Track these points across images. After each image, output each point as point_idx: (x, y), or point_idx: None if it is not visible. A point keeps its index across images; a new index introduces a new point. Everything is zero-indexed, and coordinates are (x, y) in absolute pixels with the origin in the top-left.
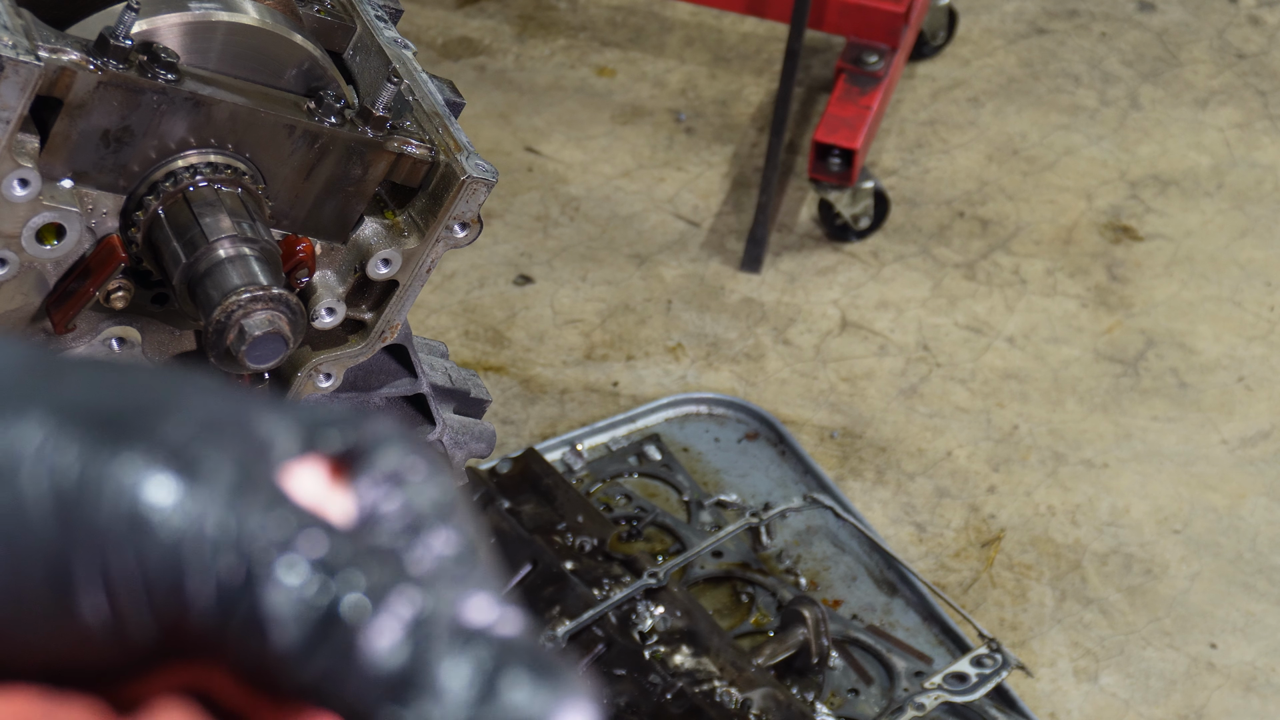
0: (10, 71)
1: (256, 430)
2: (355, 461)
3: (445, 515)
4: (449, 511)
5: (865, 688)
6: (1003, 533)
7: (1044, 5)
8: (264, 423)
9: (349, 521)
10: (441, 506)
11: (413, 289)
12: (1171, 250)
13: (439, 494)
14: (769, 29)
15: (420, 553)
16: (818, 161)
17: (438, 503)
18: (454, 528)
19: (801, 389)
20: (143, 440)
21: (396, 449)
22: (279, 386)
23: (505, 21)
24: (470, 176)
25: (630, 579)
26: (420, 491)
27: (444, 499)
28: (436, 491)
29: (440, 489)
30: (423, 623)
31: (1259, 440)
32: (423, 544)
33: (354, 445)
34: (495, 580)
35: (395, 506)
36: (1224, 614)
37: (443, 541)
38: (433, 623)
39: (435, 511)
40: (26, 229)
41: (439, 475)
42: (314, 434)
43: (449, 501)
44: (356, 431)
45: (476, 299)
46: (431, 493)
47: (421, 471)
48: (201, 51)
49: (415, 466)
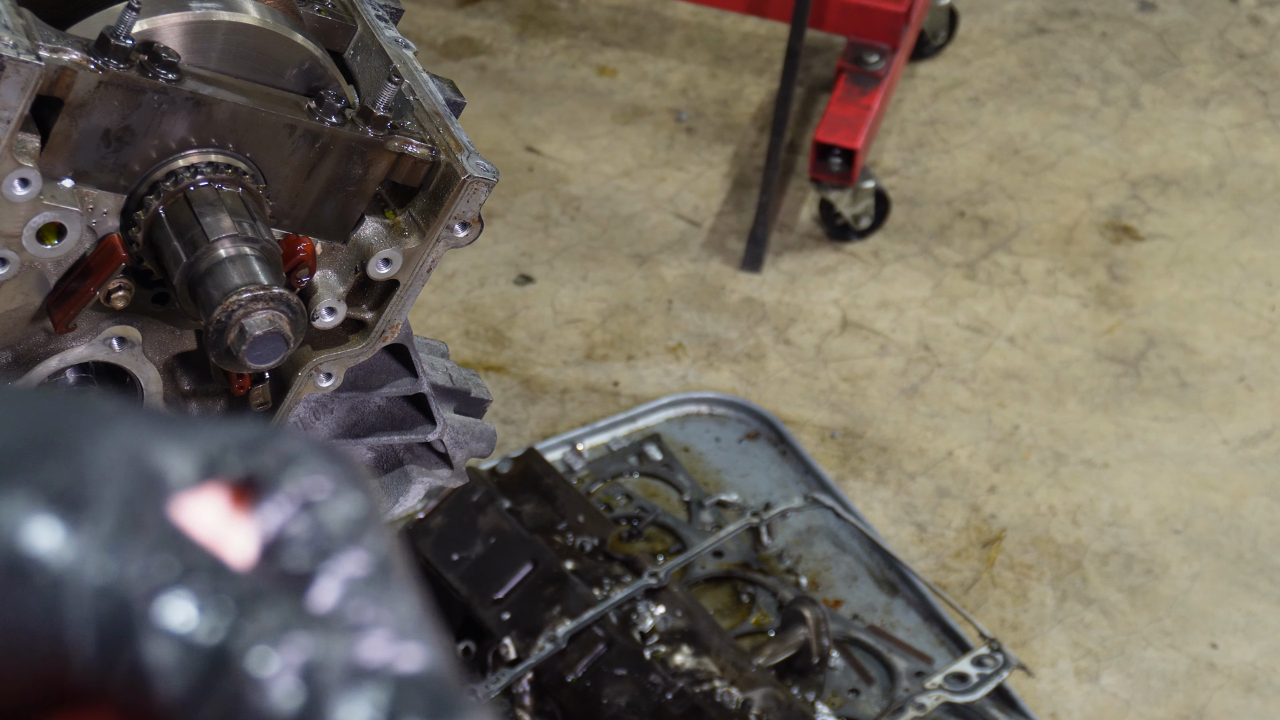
0: (11, 71)
1: (150, 461)
2: (259, 485)
3: (356, 534)
4: (360, 530)
5: (866, 688)
6: (1003, 533)
7: (1045, 5)
8: (159, 452)
9: (248, 554)
10: (352, 525)
11: (413, 289)
12: (1172, 250)
13: (349, 511)
14: (770, 29)
15: (326, 580)
16: (818, 161)
17: (348, 521)
18: (365, 547)
19: (802, 389)
20: (25, 481)
21: (303, 467)
22: (279, 386)
23: (506, 21)
24: (471, 176)
25: (631, 579)
26: (329, 510)
27: (354, 516)
28: (346, 509)
29: (350, 506)
30: (316, 667)
31: (1260, 440)
32: (330, 569)
33: (257, 468)
34: (408, 601)
35: (302, 529)
36: (1225, 614)
37: (353, 563)
38: (327, 667)
39: (345, 531)
40: (27, 228)
41: (350, 491)
42: (213, 460)
43: (360, 518)
44: (260, 453)
45: (477, 299)
46: (341, 511)
47: (328, 489)
48: (202, 51)
49: (321, 485)
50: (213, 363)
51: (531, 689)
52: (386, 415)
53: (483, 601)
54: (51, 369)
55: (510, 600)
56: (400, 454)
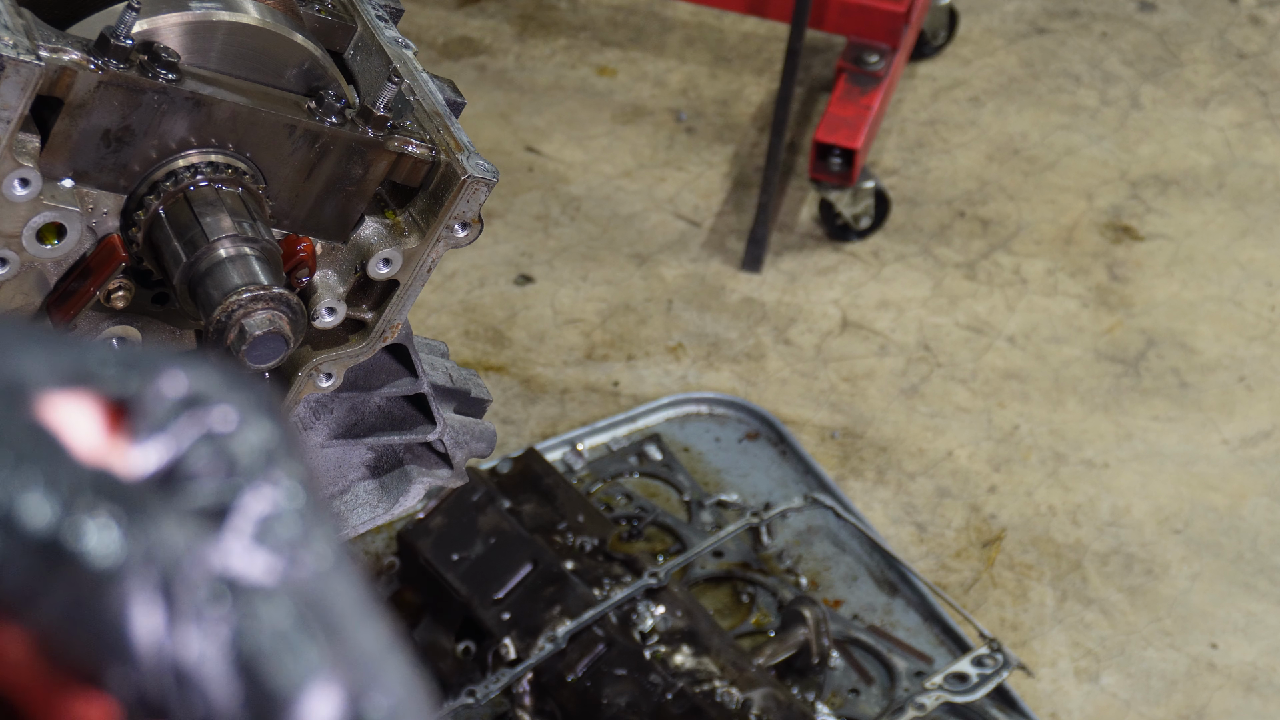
0: (11, 71)
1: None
2: (137, 410)
3: (266, 466)
4: (271, 461)
5: (866, 688)
6: (1003, 533)
7: (1044, 5)
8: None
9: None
10: (262, 456)
11: (413, 289)
12: (1172, 250)
13: (258, 442)
14: (770, 29)
15: (237, 518)
16: (818, 161)
17: (257, 452)
18: (274, 481)
19: (802, 389)
20: None
21: (206, 396)
22: (279, 386)
23: (506, 21)
24: (471, 176)
25: (631, 579)
26: (236, 442)
27: (264, 446)
28: (255, 439)
29: (259, 435)
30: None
31: (1260, 440)
32: (241, 506)
33: (135, 390)
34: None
35: (204, 462)
36: (1225, 614)
37: (264, 499)
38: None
39: (254, 464)
40: (27, 228)
41: (258, 420)
42: (86, 373)
43: (270, 449)
44: (141, 374)
45: (477, 299)
46: (250, 442)
47: (233, 419)
48: (202, 51)
49: (227, 415)
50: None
51: (531, 689)
52: (386, 415)
53: (483, 601)
54: None
55: (510, 600)
56: (400, 454)
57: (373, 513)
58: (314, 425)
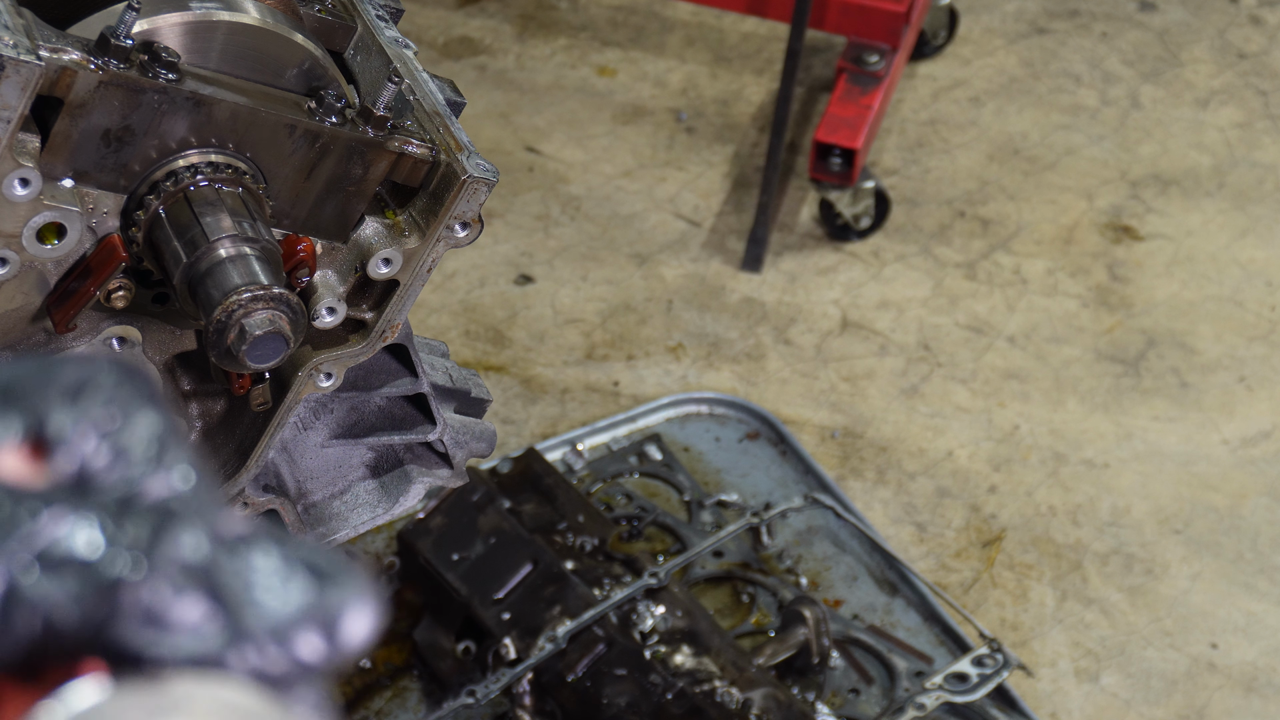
0: (11, 71)
1: None
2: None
3: (157, 454)
4: (160, 448)
5: (866, 688)
6: (1004, 533)
7: (1045, 5)
8: None
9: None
10: (151, 445)
11: (413, 288)
12: (1172, 250)
13: (144, 432)
14: (770, 29)
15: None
16: (818, 161)
17: (146, 441)
18: (167, 465)
19: (802, 389)
20: None
21: (91, 399)
22: (279, 386)
23: (506, 21)
24: (471, 176)
25: (631, 579)
26: (126, 436)
27: (151, 435)
28: (141, 430)
29: (145, 426)
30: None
31: (1260, 440)
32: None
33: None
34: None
35: (105, 461)
36: (1225, 614)
37: (162, 483)
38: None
39: (146, 453)
40: (27, 228)
41: (140, 411)
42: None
43: (156, 436)
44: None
45: (477, 298)
46: (138, 433)
47: (119, 417)
48: (202, 51)
49: (112, 415)
50: (213, 363)
51: (531, 689)
52: (386, 415)
53: (483, 601)
54: None
55: (510, 600)
56: (400, 454)
57: (373, 513)
58: (314, 425)
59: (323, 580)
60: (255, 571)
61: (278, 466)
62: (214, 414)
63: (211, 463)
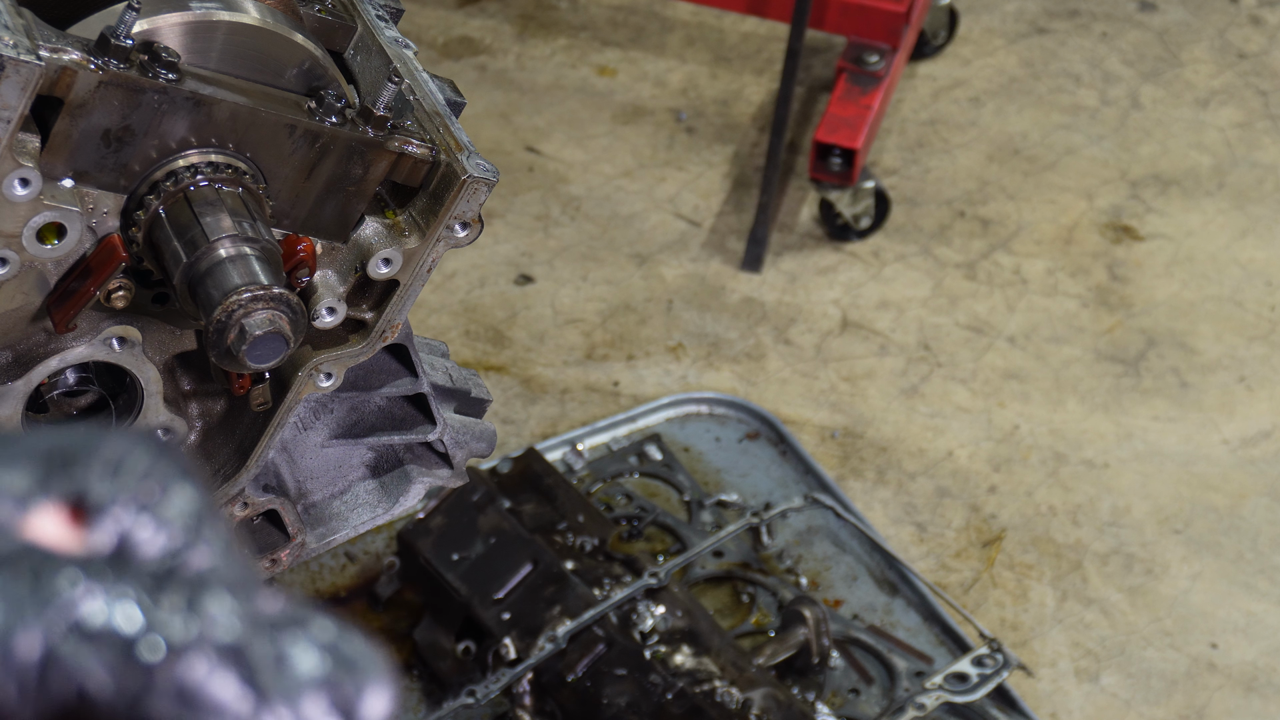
0: (11, 71)
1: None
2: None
3: (196, 527)
4: (199, 522)
5: (866, 688)
6: (1004, 533)
7: (1045, 5)
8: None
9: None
10: (190, 518)
11: (413, 288)
12: (1172, 250)
13: (184, 506)
14: (770, 29)
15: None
16: (819, 161)
17: (185, 515)
18: (206, 539)
19: (802, 389)
20: None
21: (132, 473)
22: (279, 386)
23: (506, 21)
24: (471, 176)
25: (631, 579)
26: (166, 508)
27: (190, 509)
28: (180, 504)
29: (184, 500)
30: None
31: (1260, 440)
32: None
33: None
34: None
35: (146, 532)
36: (1225, 614)
37: (201, 555)
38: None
39: (186, 525)
40: (27, 228)
41: (179, 486)
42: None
43: (196, 510)
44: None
45: (477, 298)
46: (177, 507)
47: (158, 490)
48: (202, 51)
49: (151, 489)
50: (213, 363)
51: (531, 689)
52: (386, 415)
53: (483, 601)
54: (51, 369)
55: (510, 600)
56: (400, 454)
57: (373, 513)
58: (314, 425)
59: (346, 663)
60: (286, 653)
61: (278, 466)
62: (214, 414)
63: (211, 463)
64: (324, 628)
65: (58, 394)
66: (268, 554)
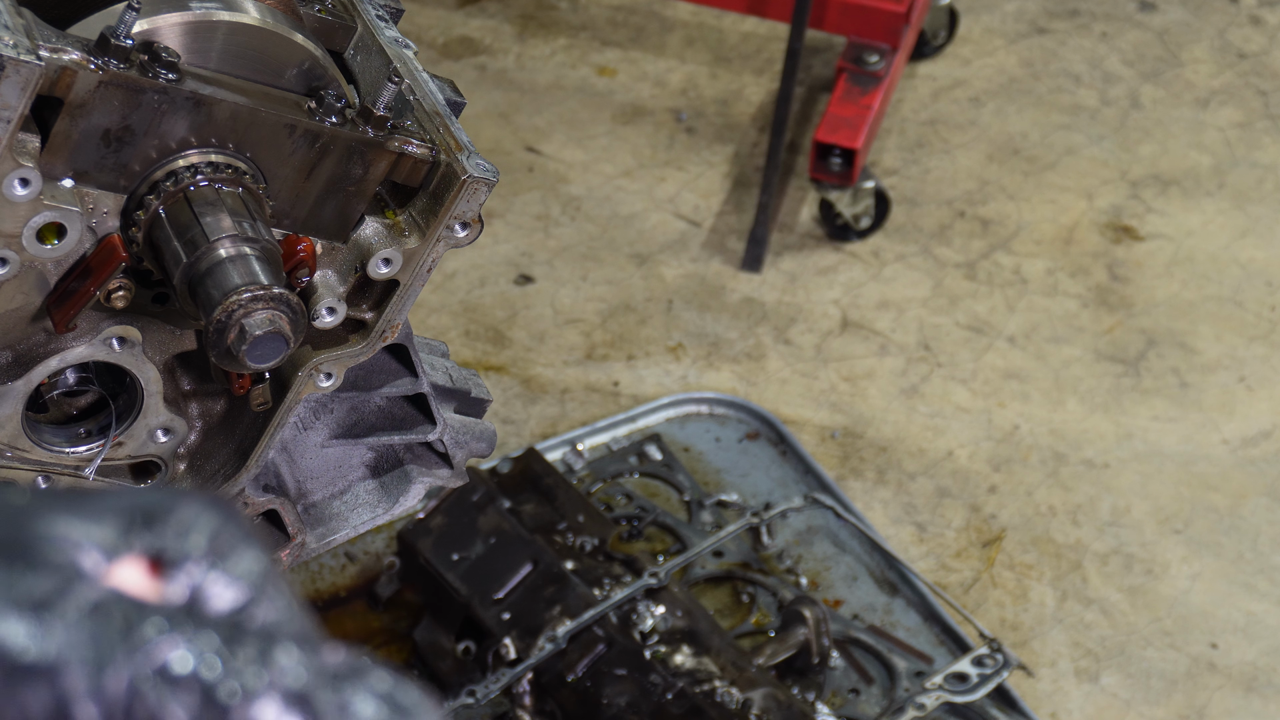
0: (11, 71)
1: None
2: (166, 558)
3: (262, 585)
4: (264, 581)
5: (866, 688)
6: (1004, 533)
7: (1045, 5)
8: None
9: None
10: (256, 576)
11: (413, 288)
12: (1172, 250)
13: (250, 565)
14: (770, 29)
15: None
16: (819, 161)
17: (252, 574)
18: (270, 597)
19: (802, 389)
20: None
21: (203, 531)
22: (279, 386)
23: (506, 21)
24: (471, 176)
25: (631, 579)
26: (235, 566)
27: (256, 569)
28: (247, 564)
29: (250, 561)
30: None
31: (1260, 440)
32: (249, 615)
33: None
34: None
35: (218, 586)
36: (1225, 614)
37: (266, 609)
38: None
39: (252, 582)
40: (27, 228)
41: (246, 548)
42: (121, 542)
43: (261, 570)
44: (162, 525)
45: (477, 298)
46: (243, 565)
47: (228, 548)
48: (202, 51)
49: (221, 546)
50: (213, 363)
51: (531, 689)
52: (386, 415)
53: (483, 601)
54: (51, 369)
55: (510, 600)
56: (400, 454)
57: (373, 513)
58: (314, 425)
59: (402, 710)
60: (348, 701)
61: (278, 466)
62: (214, 414)
63: (211, 463)
64: (381, 678)
65: (58, 394)
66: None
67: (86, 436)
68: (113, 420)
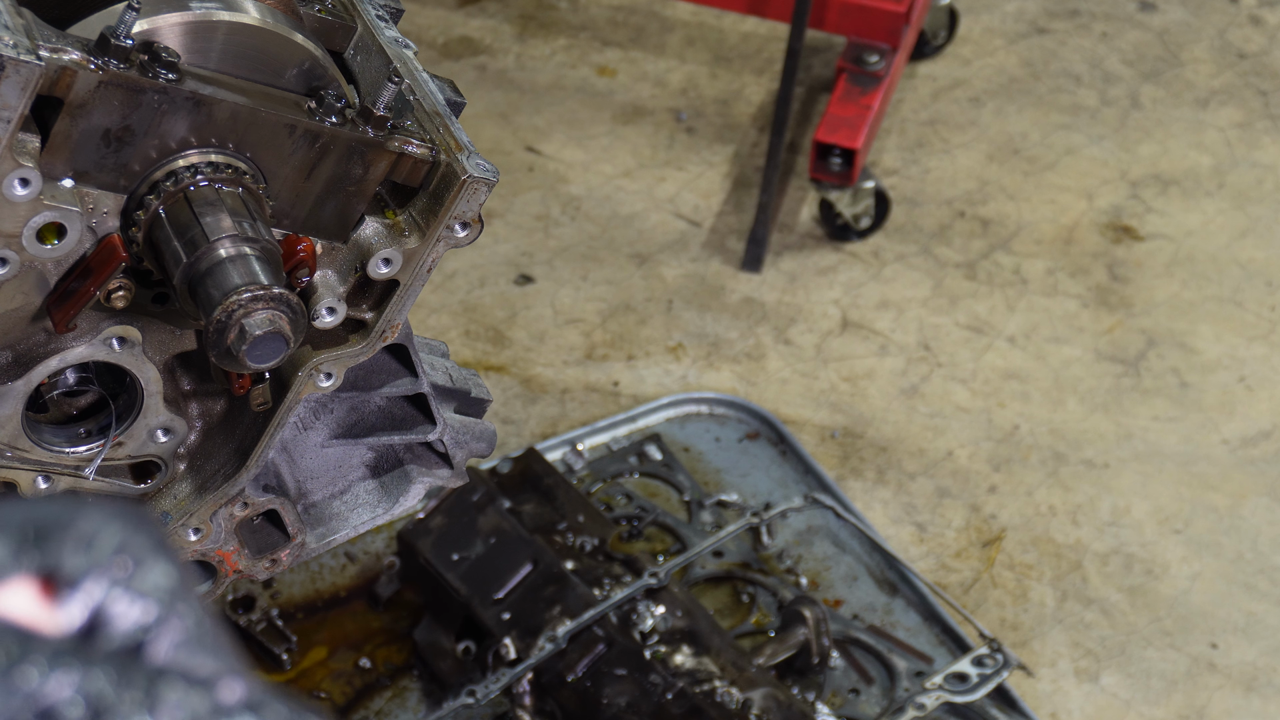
0: (11, 71)
1: None
2: (61, 576)
3: (170, 602)
4: (172, 597)
5: (866, 688)
6: (1004, 533)
7: (1045, 5)
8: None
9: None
10: (164, 593)
11: (413, 288)
12: (1172, 250)
13: (158, 580)
14: (770, 29)
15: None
16: (819, 161)
17: (159, 590)
18: (179, 614)
19: (802, 389)
20: None
21: (104, 547)
22: (279, 386)
23: (506, 21)
24: (471, 176)
25: (631, 579)
26: (140, 582)
27: (164, 584)
28: (155, 579)
29: (158, 574)
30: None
31: (1260, 440)
32: (156, 638)
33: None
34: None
35: (120, 606)
36: (1225, 614)
37: (174, 629)
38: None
39: (160, 599)
40: (27, 228)
41: (153, 560)
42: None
43: (170, 586)
44: (58, 541)
45: (477, 298)
46: (150, 581)
47: (131, 564)
48: (202, 51)
49: (124, 562)
50: (213, 363)
51: (531, 689)
52: (386, 415)
53: (483, 601)
54: (51, 369)
55: (510, 600)
56: (400, 454)
57: (373, 513)
58: (314, 425)
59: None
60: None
61: (278, 466)
62: (214, 414)
63: (211, 463)
64: (277, 713)
65: (58, 394)
66: (268, 554)
67: (86, 436)
68: (113, 420)
